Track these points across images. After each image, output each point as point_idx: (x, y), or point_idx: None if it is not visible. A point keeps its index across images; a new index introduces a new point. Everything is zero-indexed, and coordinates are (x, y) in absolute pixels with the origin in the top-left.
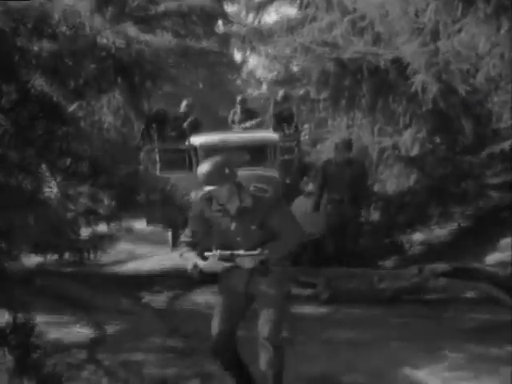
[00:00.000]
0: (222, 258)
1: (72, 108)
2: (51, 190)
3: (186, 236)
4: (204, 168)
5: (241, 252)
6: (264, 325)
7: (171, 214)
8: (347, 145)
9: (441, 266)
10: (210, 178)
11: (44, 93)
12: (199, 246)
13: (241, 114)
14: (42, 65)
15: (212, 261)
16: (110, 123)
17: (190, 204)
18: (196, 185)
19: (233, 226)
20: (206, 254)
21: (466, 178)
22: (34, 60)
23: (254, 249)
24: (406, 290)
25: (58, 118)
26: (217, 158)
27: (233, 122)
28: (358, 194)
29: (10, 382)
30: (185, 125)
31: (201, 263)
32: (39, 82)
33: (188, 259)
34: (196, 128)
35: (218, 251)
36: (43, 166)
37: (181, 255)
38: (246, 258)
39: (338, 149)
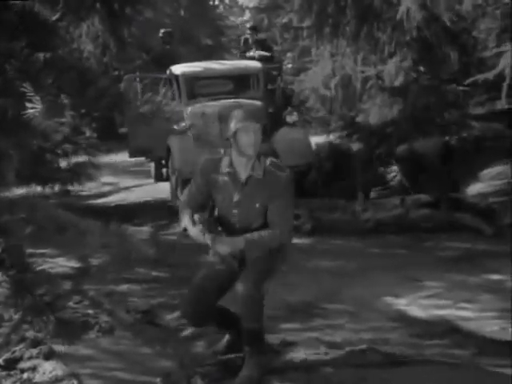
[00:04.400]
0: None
1: (54, 18)
2: (35, 107)
3: (185, 195)
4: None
5: (222, 237)
6: (241, 281)
7: (160, 130)
8: None
9: (422, 197)
10: (250, 114)
11: (24, 5)
12: (195, 208)
13: (254, 43)
14: None
15: (198, 231)
16: (89, 52)
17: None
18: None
19: (236, 196)
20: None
21: (449, 107)
22: None
23: (246, 229)
24: (389, 221)
25: (40, 27)
26: None
27: (244, 50)
28: None
29: (6, 303)
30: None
31: (190, 229)
32: None
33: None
34: (165, 57)
35: (201, 227)
36: (26, 84)
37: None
38: (226, 242)
39: None
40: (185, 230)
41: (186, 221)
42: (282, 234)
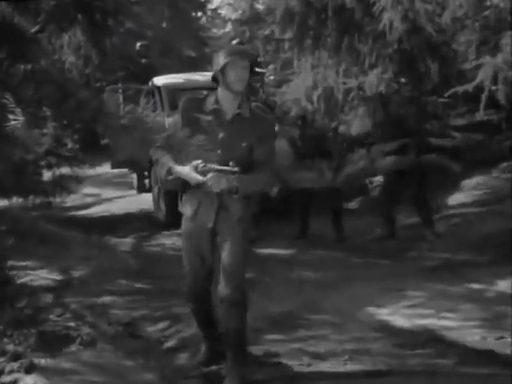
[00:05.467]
0: (202, 171)
1: (33, 30)
2: (17, 119)
3: (162, 138)
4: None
5: (222, 167)
6: (223, 282)
7: (140, 141)
8: None
9: (389, 145)
10: (240, 49)
11: (4, 16)
12: (172, 152)
13: None
14: None
15: (189, 168)
16: (71, 63)
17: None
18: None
19: (221, 134)
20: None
21: (430, 118)
22: None
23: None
24: (357, 174)
25: (20, 40)
26: None
27: None
28: None
29: None
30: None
31: (179, 169)
32: None
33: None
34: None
35: (201, 162)
36: (7, 96)
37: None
38: (223, 178)
39: None
40: (169, 173)
41: (168, 162)
42: (271, 176)
